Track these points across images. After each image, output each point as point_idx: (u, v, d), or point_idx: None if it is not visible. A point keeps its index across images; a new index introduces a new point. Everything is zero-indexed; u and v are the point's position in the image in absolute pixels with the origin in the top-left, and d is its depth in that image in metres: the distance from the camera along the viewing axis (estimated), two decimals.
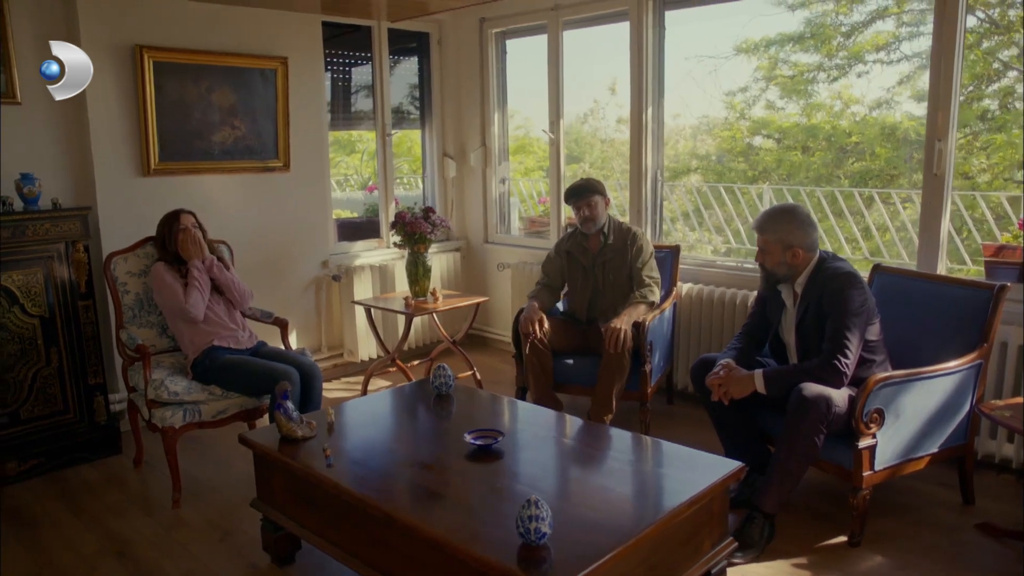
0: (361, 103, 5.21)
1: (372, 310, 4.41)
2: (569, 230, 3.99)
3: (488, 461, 2.36)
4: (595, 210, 3.69)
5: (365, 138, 7.13)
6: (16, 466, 3.37)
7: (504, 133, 5.31)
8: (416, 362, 4.79)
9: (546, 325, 3.59)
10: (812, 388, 2.57)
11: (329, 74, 5.11)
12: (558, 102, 4.81)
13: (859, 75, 8.58)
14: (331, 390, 4.55)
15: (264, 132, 4.27)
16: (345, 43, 4.92)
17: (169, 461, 3.12)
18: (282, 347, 3.55)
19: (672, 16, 4.30)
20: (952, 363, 2.76)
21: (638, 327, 3.47)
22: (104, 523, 3.00)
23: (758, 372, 2.76)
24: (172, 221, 3.40)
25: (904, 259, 5.26)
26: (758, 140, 9.31)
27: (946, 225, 3.41)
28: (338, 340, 4.81)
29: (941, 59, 3.29)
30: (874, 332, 2.80)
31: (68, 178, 3.69)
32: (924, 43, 7.59)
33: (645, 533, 1.91)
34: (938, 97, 3.32)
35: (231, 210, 4.19)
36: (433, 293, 4.28)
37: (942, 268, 3.44)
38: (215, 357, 3.25)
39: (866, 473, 2.62)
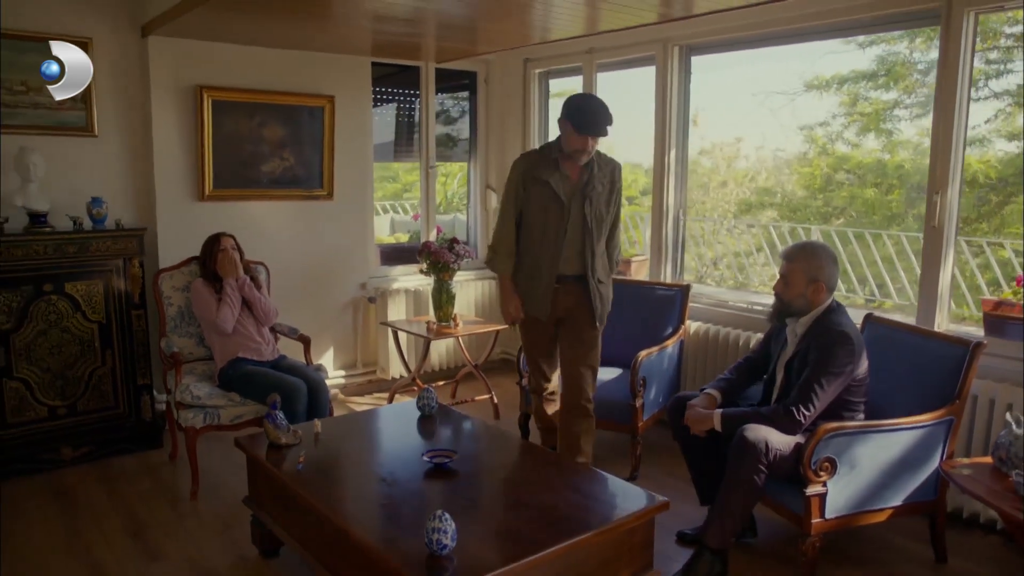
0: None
1: (399, 332, 4.72)
2: (535, 150, 3.48)
3: (438, 478, 2.58)
4: (596, 144, 3.17)
5: (443, 169, 7.51)
6: (71, 451, 3.84)
7: None
8: (441, 382, 5.06)
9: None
10: (753, 430, 2.65)
11: (394, 108, 5.52)
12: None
13: None
14: (361, 404, 4.88)
15: (310, 163, 4.68)
16: (408, 80, 5.29)
17: (190, 457, 3.50)
18: (303, 361, 3.90)
19: (735, 57, 4.39)
20: (913, 418, 2.77)
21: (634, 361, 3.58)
22: (130, 507, 3.40)
23: (717, 412, 2.86)
24: (214, 242, 3.82)
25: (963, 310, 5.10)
26: (839, 176, 9.15)
27: (946, 278, 3.38)
28: (373, 357, 5.14)
29: (941, 111, 3.30)
30: (858, 393, 2.84)
31: (132, 201, 4.20)
32: (1014, 80, 7.34)
33: (547, 553, 2.08)
34: (937, 149, 3.32)
35: (277, 234, 4.61)
36: (454, 319, 4.54)
37: (942, 321, 3.40)
38: (238, 367, 3.62)
39: (815, 520, 2.67)
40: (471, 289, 5.41)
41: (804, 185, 9.26)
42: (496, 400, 4.66)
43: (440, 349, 5.28)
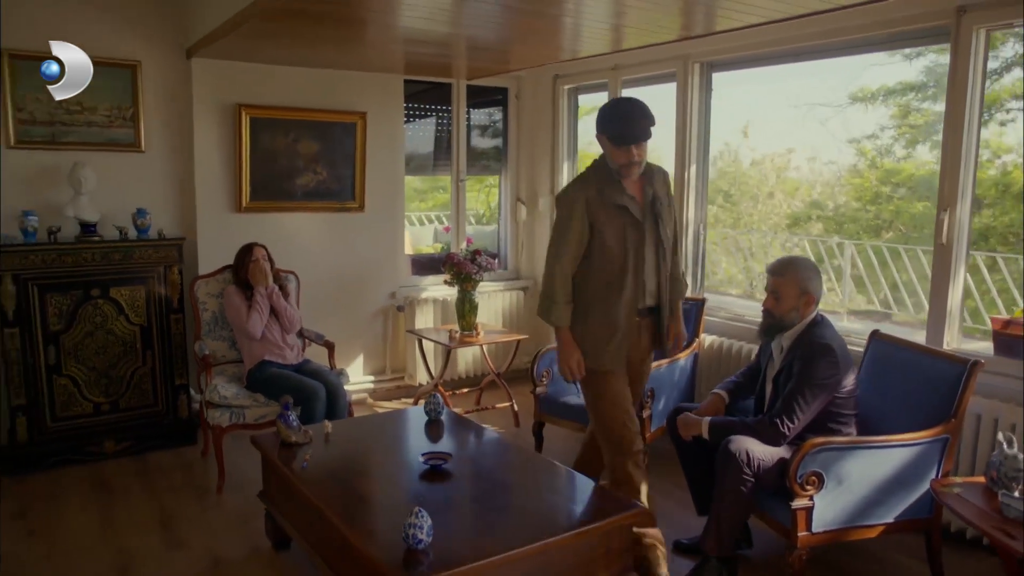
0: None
1: (423, 340, 4.89)
2: (586, 174, 2.90)
3: (432, 479, 2.72)
4: (645, 149, 2.79)
5: (488, 181, 7.72)
6: (113, 445, 4.12)
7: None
8: (466, 390, 5.21)
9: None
10: (736, 442, 2.71)
11: (434, 122, 5.71)
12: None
13: (1002, 123, 8.11)
14: (388, 408, 5.06)
15: (343, 177, 4.91)
16: (446, 95, 5.44)
17: (216, 454, 3.73)
18: (327, 366, 4.10)
19: (773, 71, 4.41)
20: (904, 435, 2.77)
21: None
22: (161, 499, 3.65)
23: (706, 419, 2.93)
24: (246, 253, 4.06)
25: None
26: (889, 189, 9.00)
27: (955, 296, 3.35)
28: (401, 364, 5.32)
29: (951, 128, 3.29)
30: (847, 406, 2.87)
31: (175, 212, 4.48)
32: None
33: (519, 552, 2.20)
34: (946, 166, 3.31)
35: (310, 244, 4.84)
36: (476, 328, 4.69)
37: (951, 339, 3.37)
38: (264, 369, 3.84)
39: (802, 533, 2.70)
40: (499, 299, 5.54)
41: (855, 197, 9.14)
42: (516, 408, 4.78)
43: (467, 357, 5.42)
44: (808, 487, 2.67)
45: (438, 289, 5.39)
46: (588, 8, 3.53)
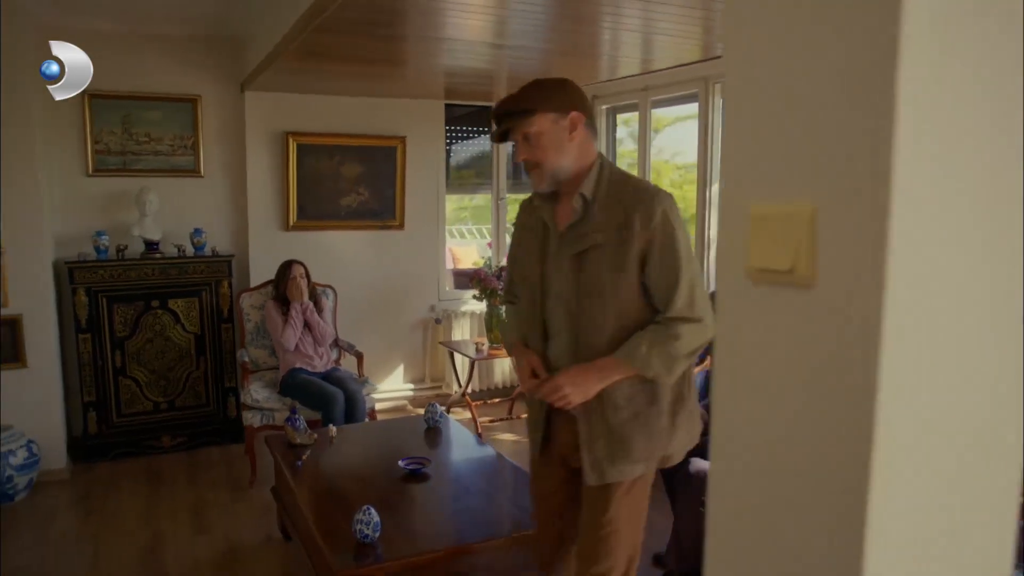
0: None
1: (454, 351, 5.15)
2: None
3: (410, 481, 2.95)
4: (539, 142, 1.85)
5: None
6: (169, 440, 4.60)
7: None
8: (498, 400, 5.43)
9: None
10: (694, 463, 2.79)
11: (486, 142, 6.00)
12: (646, 170, 5.19)
13: None
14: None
15: (384, 197, 5.25)
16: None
17: (249, 452, 4.11)
18: (355, 373, 4.42)
19: None
20: None
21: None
22: (199, 489, 4.06)
23: None
24: (286, 269, 4.44)
25: None
26: None
27: None
28: (440, 373, 5.60)
29: None
30: None
31: (229, 231, 4.95)
32: None
33: (456, 548, 2.40)
34: None
35: (353, 260, 5.21)
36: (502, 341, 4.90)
37: None
38: (295, 376, 4.20)
39: None
40: None
41: None
42: None
43: (503, 367, 5.64)
44: None
45: (476, 303, 5.64)
46: (621, 45, 3.84)
